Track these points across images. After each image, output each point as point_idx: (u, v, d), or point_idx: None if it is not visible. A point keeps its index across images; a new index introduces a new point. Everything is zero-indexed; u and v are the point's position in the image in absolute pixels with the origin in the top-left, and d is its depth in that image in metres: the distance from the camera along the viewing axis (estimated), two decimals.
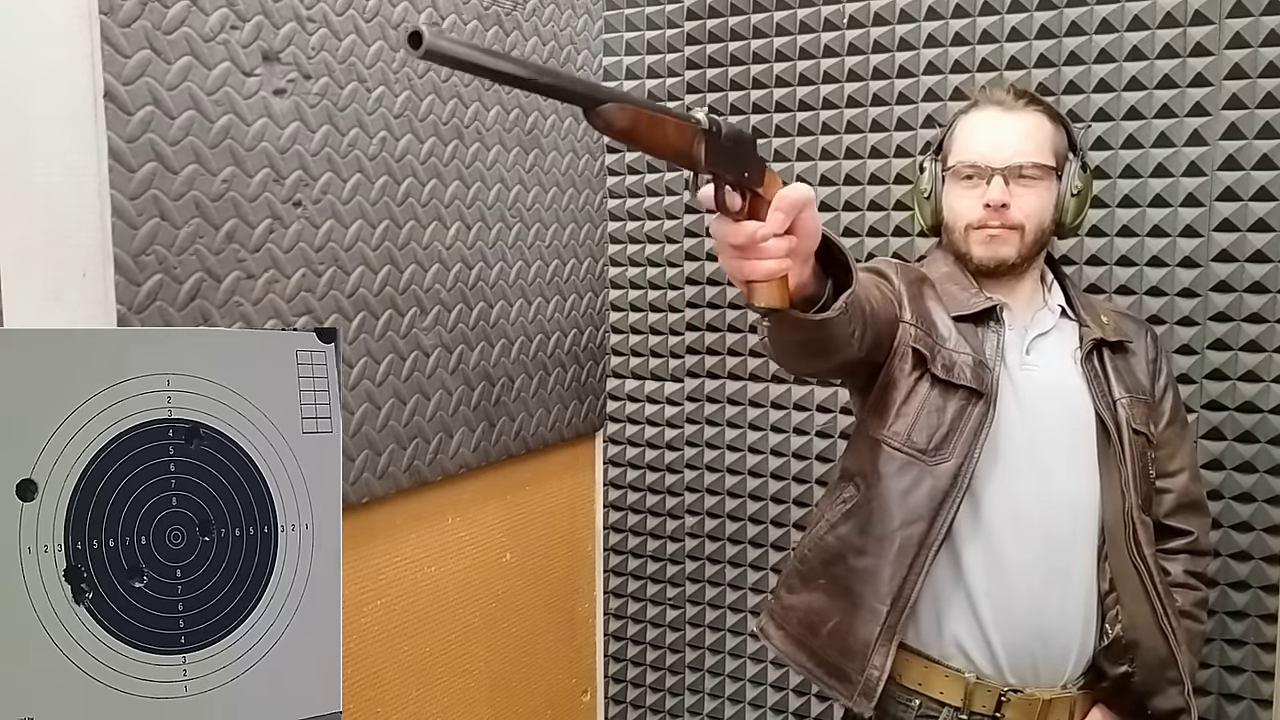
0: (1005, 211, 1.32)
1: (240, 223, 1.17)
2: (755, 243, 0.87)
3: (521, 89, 0.71)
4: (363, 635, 1.40)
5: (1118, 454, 1.31)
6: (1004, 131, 1.34)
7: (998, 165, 1.32)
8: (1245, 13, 1.51)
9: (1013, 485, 1.29)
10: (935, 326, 1.35)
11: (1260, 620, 1.59)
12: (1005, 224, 1.33)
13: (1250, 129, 1.53)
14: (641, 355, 2.01)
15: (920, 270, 1.42)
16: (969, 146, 1.36)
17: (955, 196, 1.37)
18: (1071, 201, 1.36)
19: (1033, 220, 1.33)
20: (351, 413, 1.34)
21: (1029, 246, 1.34)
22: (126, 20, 1.04)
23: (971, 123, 1.38)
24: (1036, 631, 1.27)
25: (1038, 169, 1.32)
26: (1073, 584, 1.28)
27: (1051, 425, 1.31)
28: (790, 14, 1.81)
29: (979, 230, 1.34)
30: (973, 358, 1.32)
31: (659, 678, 2.05)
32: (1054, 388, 1.33)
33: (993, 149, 1.33)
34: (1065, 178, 1.36)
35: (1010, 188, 1.32)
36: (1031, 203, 1.33)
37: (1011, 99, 1.36)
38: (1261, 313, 1.55)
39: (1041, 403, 1.32)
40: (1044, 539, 1.28)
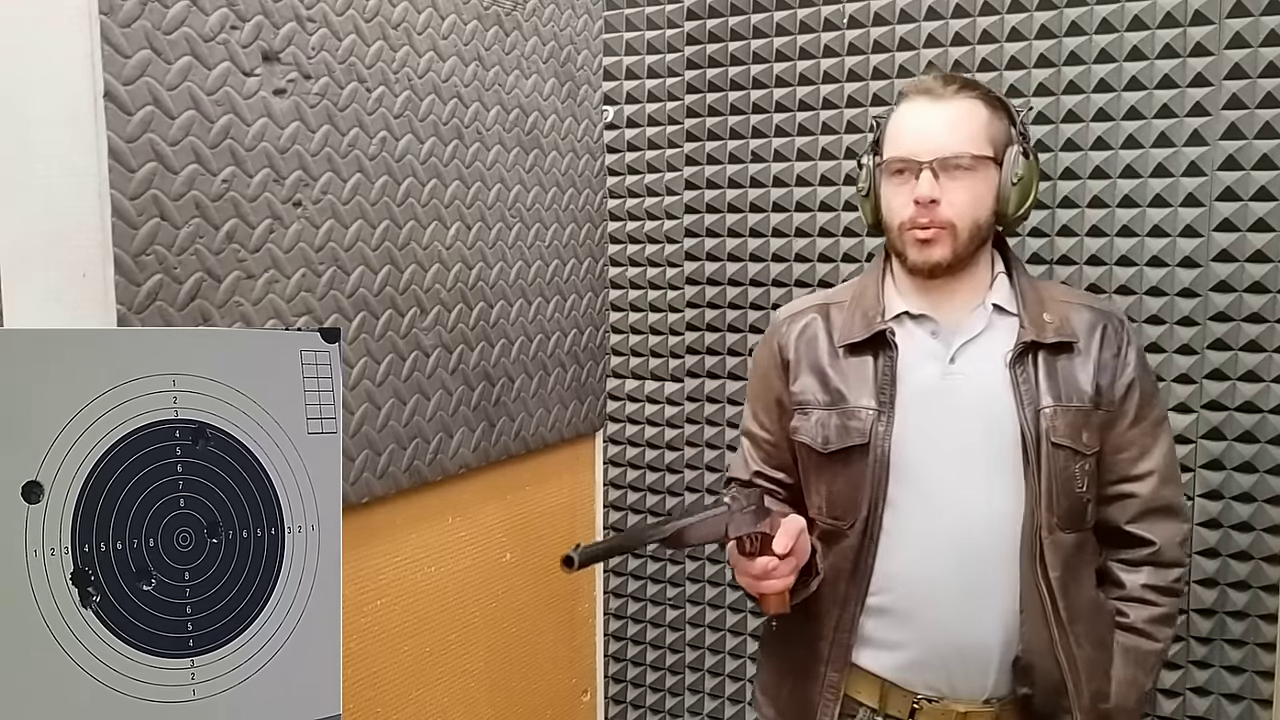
0: (935, 208, 1.25)
1: (240, 223, 1.17)
2: (769, 574, 1.21)
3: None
4: (363, 635, 1.40)
5: (1032, 468, 1.25)
6: (932, 122, 1.27)
7: (925, 158, 1.25)
8: (1245, 13, 1.51)
9: (931, 501, 1.28)
10: (808, 399, 1.36)
11: (1260, 620, 1.59)
12: (935, 223, 1.26)
13: (1250, 129, 1.53)
14: (641, 355, 2.01)
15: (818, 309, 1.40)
16: (898, 139, 1.29)
17: (889, 194, 1.31)
18: (1013, 191, 1.28)
19: (965, 218, 1.26)
20: (351, 413, 1.34)
21: (964, 245, 1.27)
22: (126, 20, 1.03)
23: (901, 115, 1.31)
24: (953, 644, 1.26)
25: (969, 160, 1.25)
26: (991, 599, 1.25)
27: (973, 438, 1.27)
28: (790, 14, 1.81)
29: (910, 231, 1.28)
30: (843, 411, 1.32)
31: (659, 678, 2.05)
32: (976, 397, 1.28)
33: (920, 141, 1.26)
34: (1005, 166, 1.28)
35: (941, 182, 1.25)
36: (962, 198, 1.25)
37: (940, 86, 1.29)
38: (1261, 313, 1.55)
39: (964, 414, 1.28)
40: (961, 553, 1.26)
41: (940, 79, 1.30)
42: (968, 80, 1.31)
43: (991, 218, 1.29)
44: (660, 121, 1.95)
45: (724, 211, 1.91)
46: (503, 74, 1.60)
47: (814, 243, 1.83)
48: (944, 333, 1.32)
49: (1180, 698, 1.65)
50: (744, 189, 1.89)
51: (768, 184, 1.86)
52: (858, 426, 1.30)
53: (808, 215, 1.84)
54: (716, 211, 1.92)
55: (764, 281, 1.88)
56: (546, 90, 1.72)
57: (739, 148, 1.88)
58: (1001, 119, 1.29)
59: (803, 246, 1.84)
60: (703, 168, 1.91)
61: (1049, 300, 1.32)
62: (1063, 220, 1.65)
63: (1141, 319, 1.62)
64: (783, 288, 1.87)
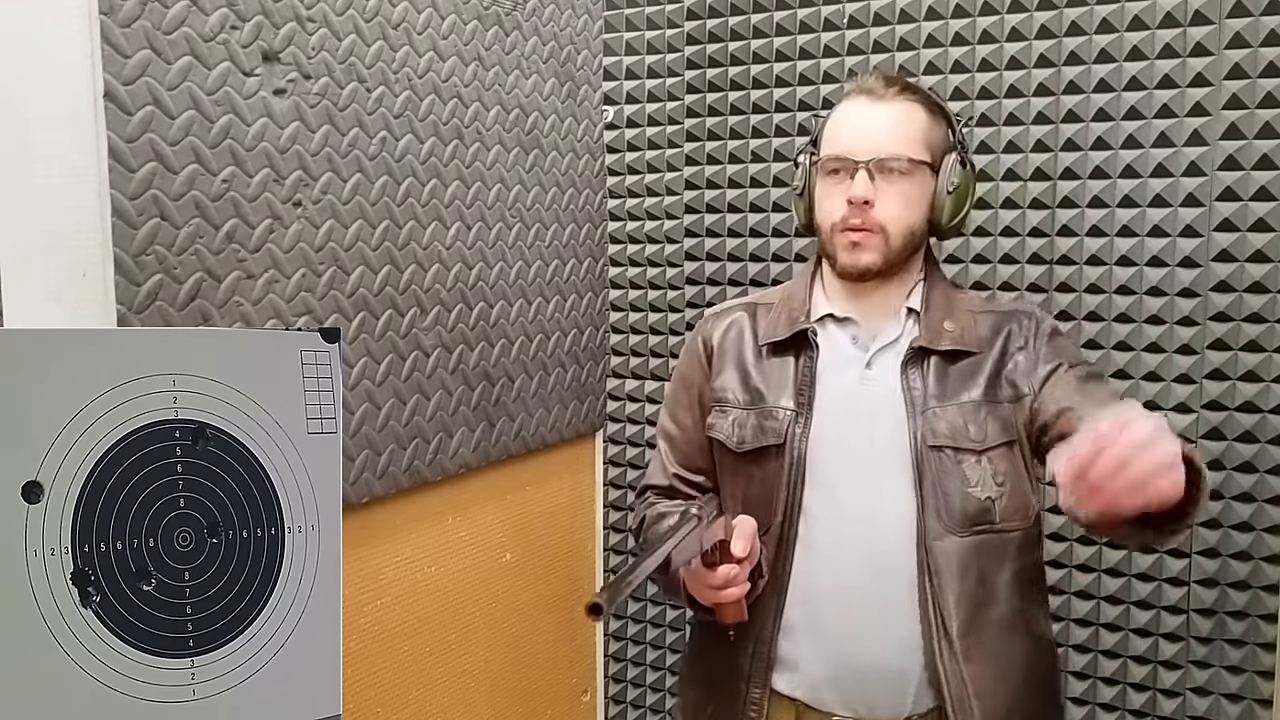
0: (868, 210, 1.22)
1: (240, 223, 1.17)
2: (730, 581, 1.17)
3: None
4: (363, 635, 1.40)
5: (914, 474, 1.22)
6: (869, 122, 1.24)
7: (861, 158, 1.22)
8: (1245, 13, 1.51)
9: (843, 509, 1.25)
10: (727, 397, 1.34)
11: (1260, 620, 1.59)
12: (868, 224, 1.23)
13: (1250, 129, 1.53)
14: (641, 355, 2.01)
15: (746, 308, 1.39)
16: (836, 138, 1.27)
17: (823, 193, 1.28)
18: (948, 200, 1.26)
19: (898, 223, 1.24)
20: (351, 413, 1.34)
21: (896, 251, 1.25)
22: (126, 20, 1.03)
23: (839, 113, 1.29)
24: (867, 661, 1.22)
25: (906, 163, 1.22)
26: (905, 611, 1.21)
27: (882, 444, 1.24)
28: (790, 14, 1.81)
29: (843, 234, 1.25)
30: (761, 410, 1.29)
31: (659, 678, 2.05)
32: (886, 402, 1.25)
33: (857, 141, 1.24)
34: (942, 173, 1.26)
35: (877, 184, 1.22)
36: (896, 202, 1.23)
37: (882, 87, 1.26)
38: (1261, 313, 1.55)
39: (876, 420, 1.25)
40: (874, 564, 1.22)
41: (882, 79, 1.27)
42: (909, 84, 1.29)
43: (925, 225, 1.28)
44: (660, 121, 1.94)
45: (724, 211, 1.91)
46: (503, 74, 1.60)
47: (814, 243, 1.83)
48: (864, 337, 1.30)
49: (1180, 698, 1.65)
50: (744, 189, 1.89)
51: (768, 184, 1.86)
52: (774, 426, 1.28)
53: None
54: (716, 211, 1.92)
55: (764, 281, 1.88)
56: (546, 90, 1.72)
57: (739, 148, 1.88)
58: (940, 125, 1.27)
59: (803, 246, 1.84)
60: (703, 168, 1.91)
61: (958, 309, 1.29)
62: (1063, 220, 1.65)
63: (1141, 319, 1.62)
64: None
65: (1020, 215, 1.68)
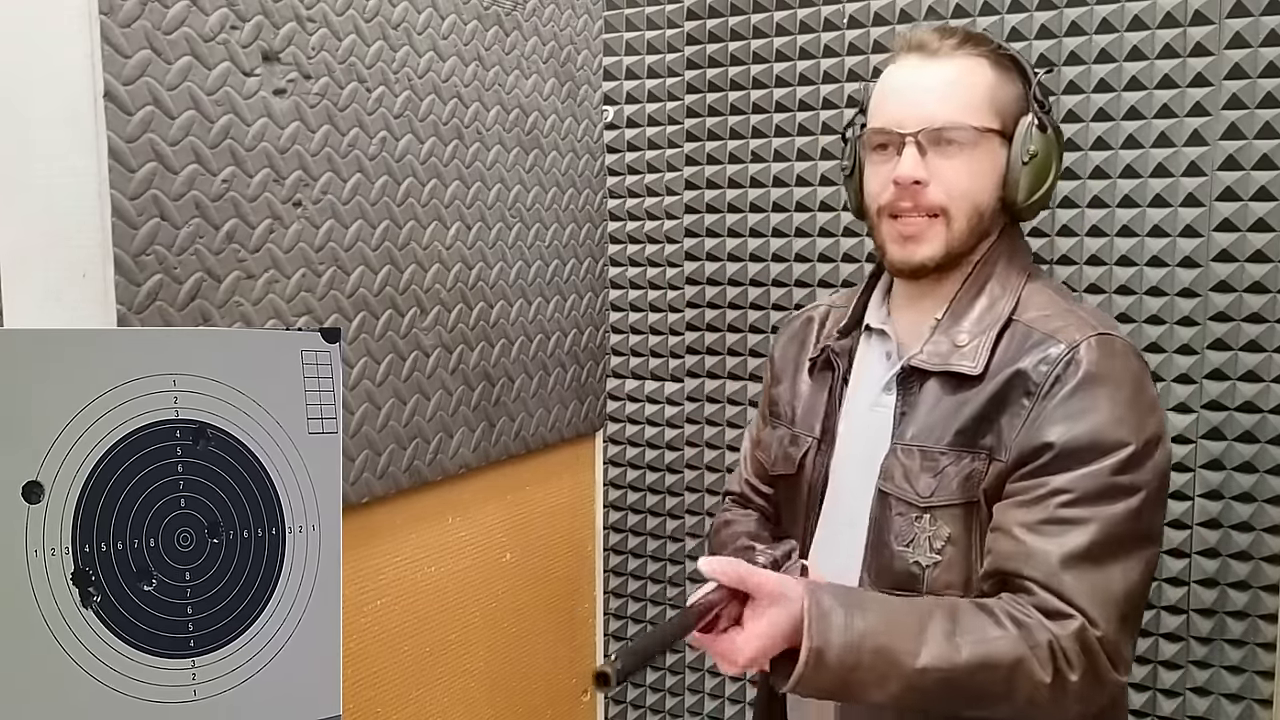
0: (919, 190, 1.03)
1: (240, 223, 1.17)
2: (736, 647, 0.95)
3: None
4: (363, 635, 1.40)
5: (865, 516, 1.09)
6: (921, 85, 1.05)
7: (910, 128, 1.03)
8: (1245, 13, 1.51)
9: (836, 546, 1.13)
10: (781, 411, 1.23)
11: (1260, 620, 1.59)
12: (921, 208, 1.04)
13: (1250, 129, 1.53)
14: (641, 355, 2.01)
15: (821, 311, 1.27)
16: (882, 107, 1.08)
17: (870, 173, 1.10)
18: (1024, 172, 1.05)
19: (962, 203, 1.04)
20: (351, 413, 1.34)
21: (961, 238, 1.05)
22: (126, 20, 1.03)
23: (887, 77, 1.10)
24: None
25: (969, 132, 1.03)
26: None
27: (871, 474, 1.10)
28: (790, 14, 1.81)
29: (891, 221, 1.07)
30: (793, 433, 1.19)
31: (659, 677, 2.05)
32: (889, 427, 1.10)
33: (905, 108, 1.05)
34: (1016, 140, 1.05)
35: (930, 159, 1.03)
36: (957, 177, 1.03)
37: (937, 40, 1.05)
38: (1261, 313, 1.55)
39: (876, 451, 1.10)
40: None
41: (938, 32, 1.07)
42: (972, 34, 1.08)
43: (997, 203, 1.07)
44: (660, 121, 1.94)
45: (724, 211, 1.91)
46: (503, 74, 1.60)
47: (814, 243, 1.83)
48: (895, 353, 1.13)
49: (1180, 698, 1.65)
50: (744, 189, 1.89)
51: (768, 184, 1.86)
52: (795, 454, 1.19)
53: (808, 215, 1.84)
54: (716, 211, 1.92)
55: (764, 281, 1.88)
56: (546, 90, 1.72)
57: (739, 148, 1.88)
58: (1014, 82, 1.07)
59: (803, 246, 1.84)
60: (703, 168, 1.91)
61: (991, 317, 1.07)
62: (1063, 220, 1.65)
63: (1141, 319, 1.62)
64: (783, 288, 1.87)
65: None
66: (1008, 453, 1.01)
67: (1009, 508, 1.00)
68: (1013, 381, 1.02)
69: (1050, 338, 1.02)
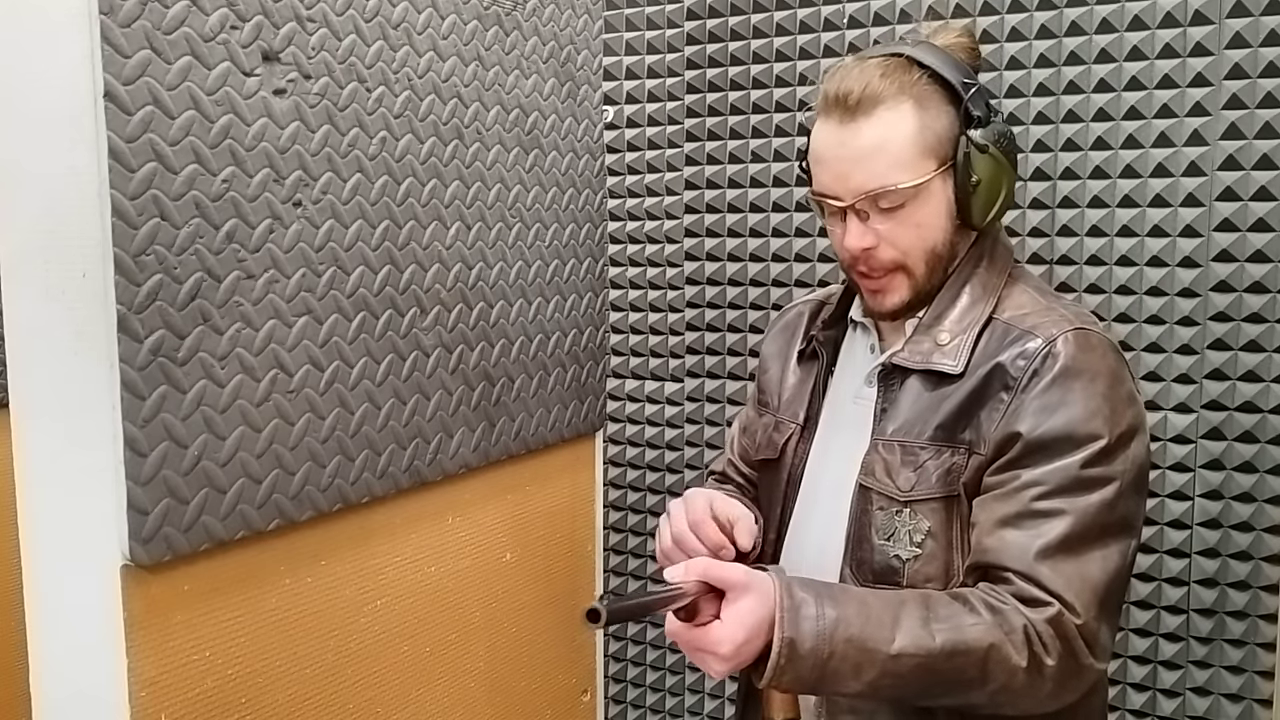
0: (871, 254, 1.06)
1: (240, 223, 1.17)
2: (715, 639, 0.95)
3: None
4: (363, 635, 1.40)
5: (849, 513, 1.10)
6: (845, 156, 1.04)
7: (846, 200, 1.05)
8: (1245, 13, 1.51)
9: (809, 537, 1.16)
10: (769, 400, 1.25)
11: (1260, 620, 1.59)
12: (880, 269, 1.07)
13: (1250, 129, 1.53)
14: (641, 355, 2.01)
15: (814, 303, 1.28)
16: (816, 173, 1.09)
17: (828, 225, 1.12)
18: (974, 199, 1.05)
19: (915, 251, 1.06)
20: (351, 413, 1.34)
21: (923, 281, 1.08)
22: (126, 20, 1.03)
23: (814, 138, 1.10)
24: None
25: (903, 191, 1.03)
26: None
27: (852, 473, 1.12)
28: (790, 14, 1.81)
29: (859, 277, 1.10)
30: (778, 420, 1.21)
31: (659, 678, 2.05)
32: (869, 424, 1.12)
33: (837, 181, 1.05)
34: (958, 169, 1.04)
35: (875, 220, 1.05)
36: (904, 233, 1.05)
37: (857, 91, 1.02)
38: (1261, 313, 1.55)
39: (856, 443, 1.12)
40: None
41: (856, 77, 1.03)
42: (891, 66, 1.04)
43: (952, 232, 1.08)
44: (660, 121, 1.95)
45: (724, 211, 1.91)
46: (503, 74, 1.60)
47: (814, 243, 1.84)
48: (879, 348, 1.16)
49: (1180, 698, 1.65)
50: (744, 189, 1.89)
51: (768, 184, 1.86)
52: (777, 440, 1.21)
53: (807, 215, 1.84)
54: (716, 211, 1.92)
55: (764, 281, 1.88)
56: (546, 90, 1.72)
57: (739, 148, 1.89)
58: (942, 110, 1.05)
59: (803, 246, 1.84)
60: (703, 168, 1.91)
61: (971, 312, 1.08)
62: (1063, 220, 1.65)
63: (1141, 319, 1.62)
64: (783, 288, 1.87)
65: (1020, 215, 1.68)
66: (986, 446, 1.03)
67: (987, 502, 1.02)
68: (991, 375, 1.04)
69: (1028, 333, 1.05)
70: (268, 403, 1.19)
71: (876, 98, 1.02)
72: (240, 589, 1.19)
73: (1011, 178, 1.09)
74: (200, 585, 1.14)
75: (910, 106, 1.03)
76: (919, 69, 1.05)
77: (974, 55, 1.14)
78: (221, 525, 1.13)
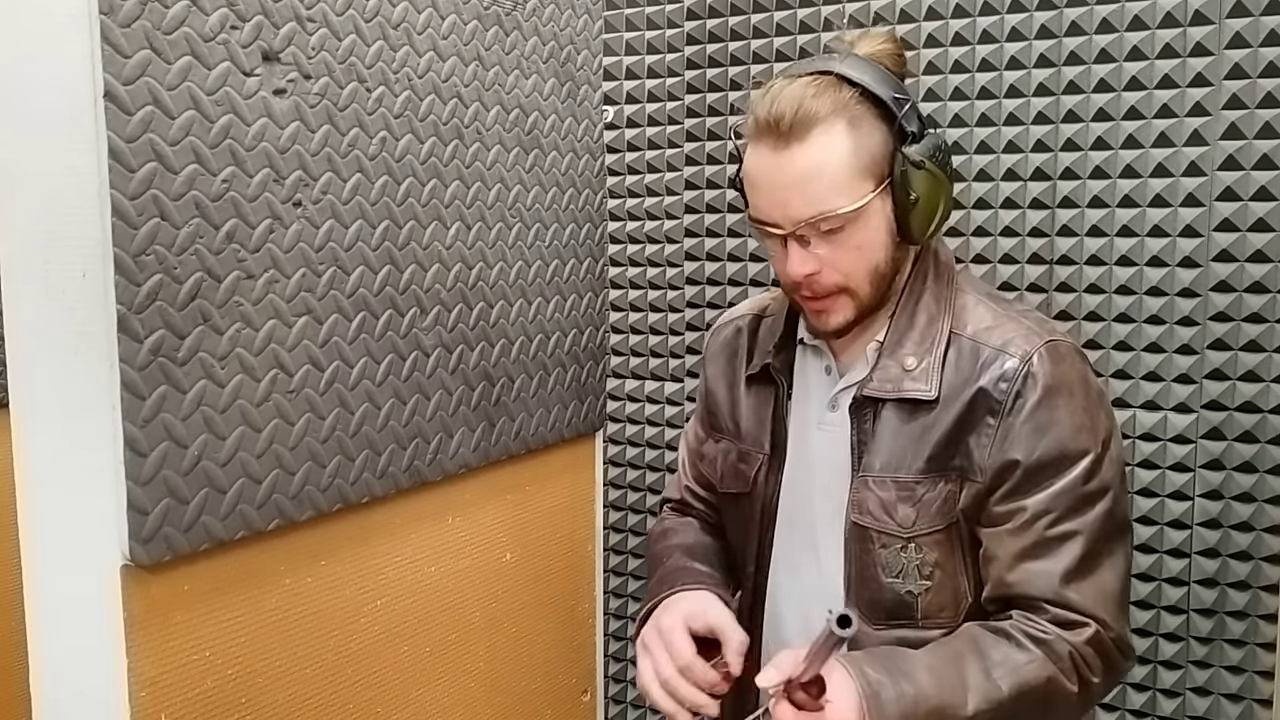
0: (814, 279, 1.05)
1: (240, 223, 1.17)
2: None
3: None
4: (363, 635, 1.40)
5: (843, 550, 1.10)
6: (780, 183, 1.02)
7: (785, 228, 1.03)
8: (1245, 13, 1.51)
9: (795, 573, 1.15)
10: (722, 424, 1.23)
11: (1260, 620, 1.59)
12: (823, 291, 1.06)
13: (1250, 129, 1.53)
14: (641, 355, 2.01)
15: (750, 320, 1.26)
16: (753, 199, 1.07)
17: (765, 247, 1.11)
18: (914, 214, 1.04)
19: (857, 273, 1.05)
20: (351, 413, 1.34)
21: (867, 300, 1.07)
22: (126, 20, 1.03)
23: (749, 164, 1.07)
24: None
25: (841, 215, 1.01)
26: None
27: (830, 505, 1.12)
28: (790, 14, 1.81)
29: (802, 299, 1.09)
30: (739, 450, 1.20)
31: None
32: (840, 452, 1.11)
33: (774, 208, 1.04)
34: (895, 187, 1.03)
35: (815, 244, 1.03)
36: (845, 255, 1.04)
37: (788, 114, 1.00)
38: (1261, 313, 1.55)
39: (830, 474, 1.12)
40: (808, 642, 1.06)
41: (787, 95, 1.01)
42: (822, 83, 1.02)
43: (893, 249, 1.07)
44: (660, 121, 1.95)
45: (724, 211, 1.91)
46: (503, 74, 1.60)
47: None
48: (836, 367, 1.15)
49: (1180, 698, 1.65)
50: None
51: None
52: (745, 471, 1.20)
53: None
54: (716, 211, 1.92)
55: (764, 281, 1.88)
56: (546, 90, 1.72)
57: (734, 148, 1.89)
58: (874, 128, 1.03)
59: None
60: (703, 168, 1.92)
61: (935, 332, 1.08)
62: (1063, 220, 1.65)
63: (1141, 319, 1.62)
64: None
65: (1020, 215, 1.68)
66: (983, 474, 1.05)
67: (1001, 536, 1.05)
68: (976, 401, 1.05)
69: (1002, 352, 1.06)
70: (268, 403, 1.19)
71: (809, 120, 1.00)
72: (240, 589, 1.19)
73: (949, 190, 1.08)
74: (200, 585, 1.14)
75: (843, 127, 1.01)
76: (849, 86, 1.03)
77: (900, 62, 1.12)
78: (221, 525, 1.13)
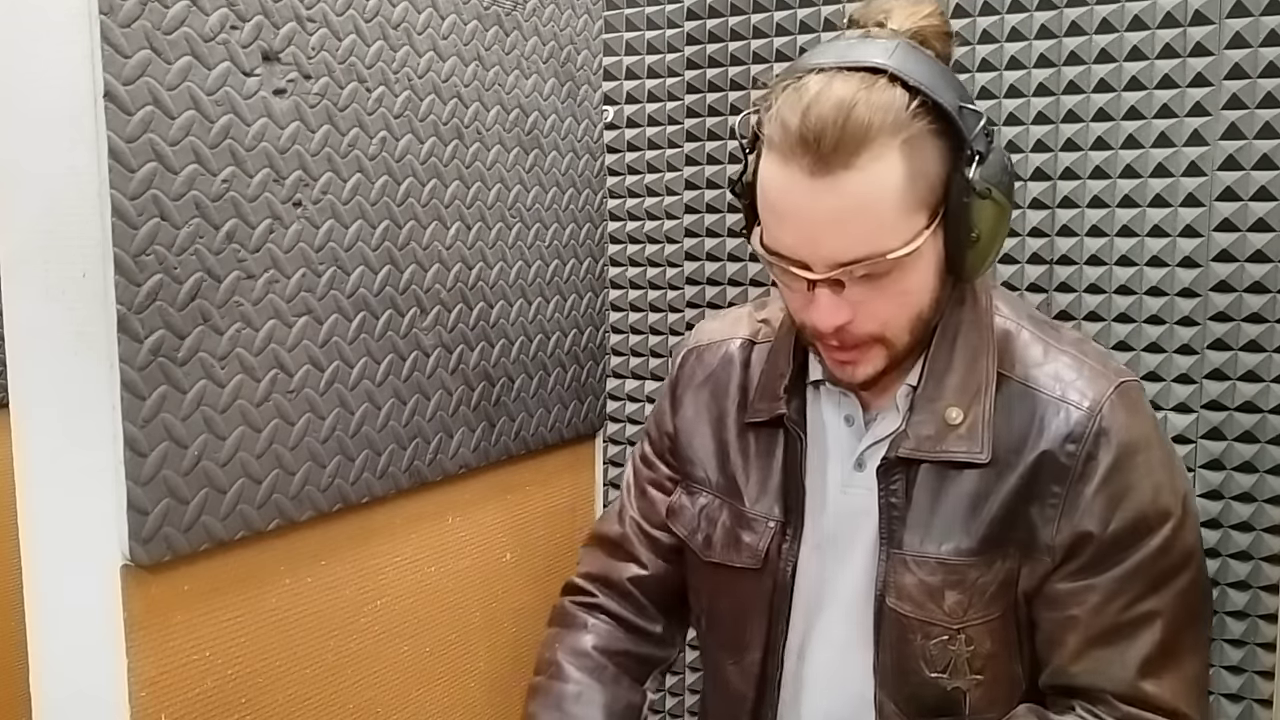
0: (848, 330, 0.86)
1: (240, 223, 1.17)
2: None
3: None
4: (363, 635, 1.40)
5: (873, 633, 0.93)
6: (818, 220, 0.81)
7: (817, 271, 0.83)
8: (1245, 13, 1.51)
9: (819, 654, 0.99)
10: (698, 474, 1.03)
11: (1260, 620, 1.59)
12: (852, 342, 0.87)
13: (1250, 129, 1.53)
14: (641, 355, 2.01)
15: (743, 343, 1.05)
16: (773, 226, 0.85)
17: (781, 283, 0.91)
18: (970, 252, 0.84)
19: (897, 322, 0.87)
20: (351, 413, 1.34)
21: (905, 348, 0.90)
22: (126, 20, 1.03)
23: (772, 184, 0.85)
24: None
25: (889, 261, 0.81)
26: None
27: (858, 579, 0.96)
28: (790, 14, 1.81)
29: (825, 348, 0.91)
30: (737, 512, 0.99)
31: None
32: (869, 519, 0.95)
33: (805, 246, 0.83)
34: (951, 222, 0.83)
35: (849, 289, 0.83)
36: (887, 304, 0.85)
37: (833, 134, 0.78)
38: (1261, 313, 1.55)
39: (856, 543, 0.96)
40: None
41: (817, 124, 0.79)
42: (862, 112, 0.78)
43: (939, 290, 0.89)
44: (660, 121, 1.95)
45: (724, 211, 1.91)
46: (503, 74, 1.61)
47: None
48: (859, 417, 0.97)
49: None
50: None
51: None
52: (752, 543, 0.99)
53: None
54: (716, 211, 1.92)
55: (764, 282, 1.88)
56: (546, 90, 1.72)
57: (739, 148, 1.88)
58: (934, 148, 0.82)
59: None
60: (703, 168, 1.91)
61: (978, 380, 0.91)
62: (1063, 220, 1.65)
63: (1141, 319, 1.62)
64: None
65: (1020, 215, 1.68)
66: (1051, 552, 0.89)
67: (1064, 621, 0.89)
68: (1039, 467, 0.89)
69: (1063, 402, 0.90)
70: (268, 403, 1.19)
71: (858, 140, 0.78)
72: (240, 589, 1.19)
73: (1007, 218, 0.88)
74: (200, 585, 1.14)
75: (898, 150, 0.79)
76: (905, 91, 0.80)
77: (947, 42, 0.91)
78: (221, 525, 1.13)
